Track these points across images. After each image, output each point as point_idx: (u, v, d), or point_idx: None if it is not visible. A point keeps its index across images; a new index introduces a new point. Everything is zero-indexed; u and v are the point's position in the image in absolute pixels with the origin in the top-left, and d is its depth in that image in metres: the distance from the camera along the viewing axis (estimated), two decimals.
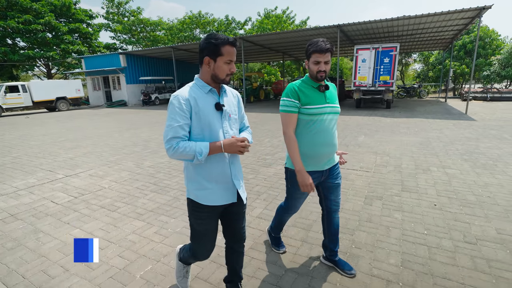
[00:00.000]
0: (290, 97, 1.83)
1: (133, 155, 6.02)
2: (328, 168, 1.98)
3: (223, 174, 1.55)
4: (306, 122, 1.85)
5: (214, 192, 1.55)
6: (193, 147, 1.42)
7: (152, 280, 2.15)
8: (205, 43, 1.43)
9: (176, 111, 1.42)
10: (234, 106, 1.64)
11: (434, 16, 10.56)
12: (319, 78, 1.81)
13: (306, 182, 1.80)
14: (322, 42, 1.76)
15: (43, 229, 2.97)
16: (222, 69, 1.45)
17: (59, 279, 2.20)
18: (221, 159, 1.54)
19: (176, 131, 1.41)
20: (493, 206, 3.21)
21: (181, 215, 3.20)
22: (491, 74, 16.38)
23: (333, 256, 2.21)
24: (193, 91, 1.48)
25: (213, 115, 1.50)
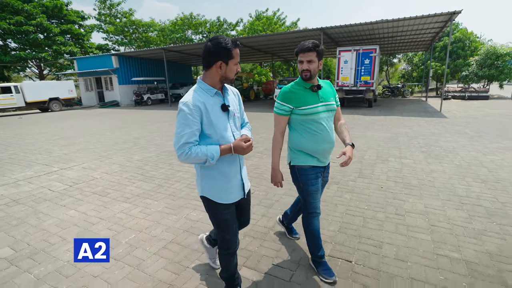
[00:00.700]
0: (281, 101, 1.93)
1: (124, 151, 6.48)
2: (327, 164, 2.10)
3: (235, 174, 1.66)
4: (303, 121, 1.92)
5: (228, 191, 1.64)
6: (205, 151, 1.47)
7: (134, 244, 2.66)
8: (216, 47, 1.46)
9: (187, 117, 1.46)
10: (236, 105, 1.71)
11: (410, 20, 11.22)
12: (304, 77, 1.88)
13: (276, 179, 2.02)
14: (306, 42, 1.83)
15: (42, 211, 3.44)
16: (232, 70, 1.53)
17: (57, 245, 2.68)
18: (233, 161, 1.64)
19: (189, 137, 1.46)
20: (430, 188, 3.79)
21: (163, 198, 3.70)
22: (470, 74, 17.21)
23: (289, 224, 2.67)
24: (200, 95, 1.52)
25: (221, 116, 1.56)
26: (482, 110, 11.63)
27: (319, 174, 2.02)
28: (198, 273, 2.24)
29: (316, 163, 1.99)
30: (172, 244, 2.65)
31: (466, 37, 19.11)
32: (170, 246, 2.62)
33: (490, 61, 16.38)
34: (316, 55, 1.82)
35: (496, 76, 16.39)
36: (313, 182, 1.99)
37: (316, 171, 2.00)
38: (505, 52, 16.14)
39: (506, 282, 2.03)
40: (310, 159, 1.98)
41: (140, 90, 20.94)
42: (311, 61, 1.82)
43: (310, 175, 1.98)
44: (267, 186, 4.01)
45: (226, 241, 1.75)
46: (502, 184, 3.81)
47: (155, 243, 2.66)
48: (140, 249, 2.57)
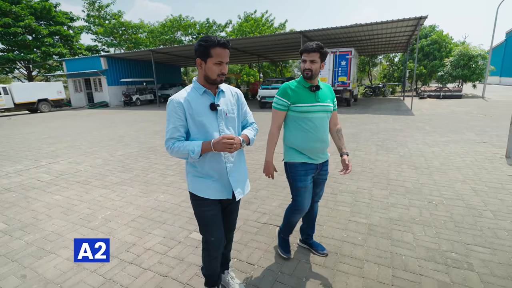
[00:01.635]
0: (280, 96, 1.99)
1: (108, 147, 6.99)
2: (321, 162, 2.13)
3: (219, 171, 1.63)
4: (298, 118, 1.99)
5: (209, 187, 1.63)
6: (187, 146, 1.51)
7: (109, 218, 3.22)
8: (197, 45, 1.49)
9: (171, 113, 1.52)
10: (232, 105, 1.67)
11: (382, 24, 11.97)
12: (305, 76, 1.94)
13: (269, 171, 2.06)
14: (311, 43, 1.90)
15: (31, 196, 3.97)
16: (212, 70, 1.49)
17: (44, 220, 3.22)
18: (217, 157, 1.61)
19: (172, 132, 1.53)
20: (368, 174, 4.43)
21: (138, 185, 4.26)
22: (445, 75, 18.12)
23: (309, 239, 2.47)
24: (188, 94, 1.55)
25: (208, 116, 1.56)
26: (449, 108, 12.44)
27: (309, 172, 2.06)
28: (157, 236, 2.81)
29: (306, 160, 2.04)
30: (140, 218, 3.22)
31: (442, 39, 20.11)
32: (138, 219, 3.19)
33: (463, 62, 17.31)
34: (319, 56, 1.89)
35: (469, 76, 17.33)
36: (302, 179, 2.04)
37: (306, 168, 2.04)
38: (476, 53, 17.09)
39: (391, 237, 2.67)
40: (300, 156, 2.03)
41: (129, 91, 21.33)
42: (314, 61, 1.89)
43: (299, 171, 2.04)
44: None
45: (208, 243, 1.73)
46: (430, 170, 4.48)
47: (126, 217, 3.23)
48: (113, 222, 3.14)
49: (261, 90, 14.90)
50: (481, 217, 2.97)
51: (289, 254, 2.37)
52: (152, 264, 2.38)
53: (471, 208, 3.17)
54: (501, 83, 34.11)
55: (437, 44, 20.07)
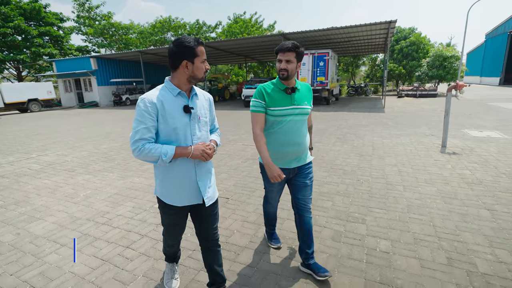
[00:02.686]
0: (257, 98, 1.91)
1: (94, 142, 7.58)
2: (296, 166, 2.02)
3: (188, 177, 1.59)
4: (272, 122, 1.93)
5: (178, 194, 1.60)
6: (159, 149, 1.45)
7: (89, 195, 3.84)
8: (179, 47, 1.45)
9: (143, 113, 1.45)
10: (205, 109, 1.66)
11: (356, 27, 12.76)
12: (281, 76, 1.87)
13: (273, 173, 1.84)
14: (287, 42, 1.84)
15: (23, 181, 4.56)
16: (200, 68, 1.51)
17: (34, 198, 3.83)
18: (186, 162, 1.57)
19: (143, 133, 1.45)
20: (319, 161, 5.13)
21: (118, 172, 4.88)
22: (422, 75, 19.08)
23: (308, 260, 2.13)
24: (161, 94, 1.50)
25: (181, 118, 1.52)
26: (420, 106, 13.30)
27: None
28: (127, 207, 3.45)
29: (278, 165, 1.96)
30: (115, 194, 3.85)
31: (419, 40, 21.10)
32: (114, 195, 3.82)
33: (438, 63, 18.27)
34: (295, 55, 1.82)
35: (444, 76, 18.30)
36: (269, 182, 2.05)
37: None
38: (450, 54, 18.06)
39: (314, 204, 3.35)
40: (273, 161, 1.93)
41: (118, 91, 21.77)
42: (289, 61, 1.82)
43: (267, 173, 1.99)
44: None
45: (165, 239, 1.87)
46: (372, 157, 5.20)
47: (103, 195, 3.86)
48: (93, 198, 3.77)
49: (245, 90, 15.57)
50: (393, 190, 3.69)
51: (278, 243, 2.45)
52: (121, 224, 3.02)
53: (389, 184, 3.89)
54: (481, 82, 35.44)
55: (415, 45, 21.07)
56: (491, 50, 32.51)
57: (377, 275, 2.12)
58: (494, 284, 1.98)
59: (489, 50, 33.35)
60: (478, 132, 7.06)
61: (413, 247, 2.44)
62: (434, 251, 2.36)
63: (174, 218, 1.71)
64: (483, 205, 3.14)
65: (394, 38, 22.70)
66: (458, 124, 8.15)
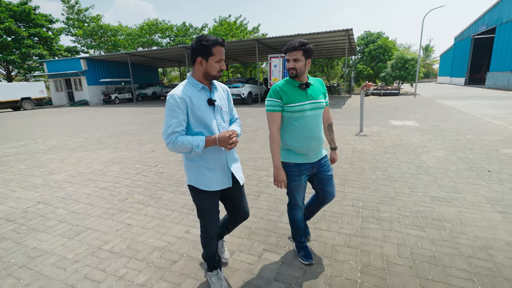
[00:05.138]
0: (273, 97, 1.94)
1: (88, 132, 9.11)
2: (317, 160, 2.08)
3: (220, 162, 1.74)
4: (290, 118, 1.96)
5: (211, 179, 1.72)
6: (191, 140, 1.56)
7: (88, 163, 5.44)
8: (197, 44, 1.57)
9: (174, 108, 1.57)
10: (224, 100, 1.81)
11: (319, 34, 14.58)
12: (290, 75, 1.93)
13: (279, 178, 1.95)
14: (294, 41, 1.88)
15: (36, 156, 6.11)
16: (214, 67, 1.61)
17: (49, 165, 5.40)
18: (217, 149, 1.71)
19: (175, 127, 1.57)
20: (245, 150, 6.83)
21: (109, 149, 6.46)
22: (386, 75, 21.12)
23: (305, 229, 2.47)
24: (187, 89, 1.63)
25: (207, 110, 1.66)
26: (375, 103, 15.21)
27: (303, 172, 2.05)
28: (117, 167, 5.06)
29: (302, 161, 2.02)
30: (108, 161, 5.46)
31: (385, 44, 23.23)
32: (106, 162, 5.43)
33: (400, 65, 20.32)
34: (302, 53, 1.86)
35: (405, 77, 20.36)
36: (295, 179, 2.05)
37: (300, 168, 2.03)
38: (410, 57, 20.14)
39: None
40: (294, 156, 2.01)
41: (108, 90, 23.10)
42: (297, 60, 1.87)
43: (292, 171, 2.03)
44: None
45: (206, 227, 1.86)
46: None
47: (99, 161, 5.46)
48: (91, 163, 5.37)
49: None
50: None
51: (310, 259, 2.23)
52: (112, 175, 4.65)
53: None
54: (451, 82, 38.03)
55: (382, 48, 23.17)
56: (459, 53, 35.08)
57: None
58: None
59: (457, 53, 35.93)
60: (399, 122, 8.91)
61: None
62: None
63: (210, 202, 1.79)
64: (350, 161, 4.90)
65: (364, 41, 24.81)
66: (391, 116, 10.02)
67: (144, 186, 4.07)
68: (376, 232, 2.67)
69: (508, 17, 22.78)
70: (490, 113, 9.99)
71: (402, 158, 5.03)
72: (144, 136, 7.95)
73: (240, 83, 16.71)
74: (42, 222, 3.06)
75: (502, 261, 2.21)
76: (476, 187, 3.66)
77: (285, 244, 2.54)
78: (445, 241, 2.49)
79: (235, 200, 1.92)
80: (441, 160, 4.83)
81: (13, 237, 2.78)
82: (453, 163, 4.63)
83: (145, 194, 3.77)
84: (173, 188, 3.95)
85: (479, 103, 13.36)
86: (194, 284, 2.05)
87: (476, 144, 5.79)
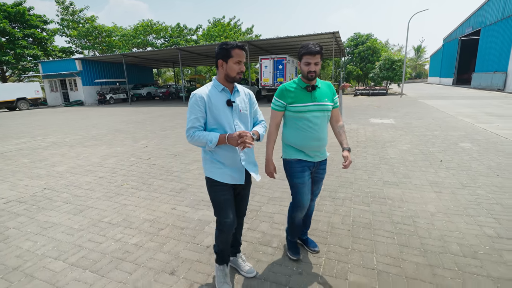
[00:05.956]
0: (278, 97, 2.06)
1: (85, 130, 9.59)
2: (319, 161, 2.16)
3: (233, 158, 1.85)
4: (294, 118, 2.04)
5: (225, 172, 1.85)
6: (206, 136, 1.71)
7: (86, 156, 5.95)
8: (219, 49, 1.75)
9: (193, 105, 1.75)
10: (245, 103, 1.91)
11: (306, 36, 15.20)
12: (309, 78, 1.97)
13: (268, 169, 2.11)
14: (312, 45, 1.92)
15: (37, 151, 6.59)
16: (233, 68, 1.74)
17: (51, 159, 5.89)
18: (231, 147, 1.81)
19: (193, 122, 1.74)
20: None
21: (105, 145, 6.96)
22: (374, 76, 21.83)
23: (303, 235, 2.47)
24: (209, 90, 1.80)
25: (224, 110, 1.79)
26: (362, 103, 15.86)
27: (306, 168, 2.10)
28: (113, 160, 5.58)
29: (303, 157, 2.08)
30: (105, 155, 5.97)
31: (374, 45, 23.98)
32: (104, 156, 5.94)
33: (387, 65, 21.04)
34: (320, 57, 1.95)
35: (392, 77, 21.09)
36: (299, 175, 2.09)
37: (302, 165, 2.08)
38: (397, 58, 20.88)
39: None
40: (297, 153, 2.08)
41: (103, 91, 23.47)
42: (318, 63, 1.94)
43: (295, 167, 2.09)
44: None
45: (222, 224, 1.93)
46: None
47: (96, 155, 5.97)
48: (89, 157, 5.87)
49: None
50: None
51: (298, 255, 2.34)
52: (109, 166, 5.16)
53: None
54: (440, 83, 38.99)
55: (371, 50, 23.89)
56: (447, 54, 36.04)
57: None
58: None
59: (446, 54, 36.89)
60: (378, 120, 9.54)
61: None
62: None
63: (224, 194, 1.88)
64: None
65: (354, 43, 25.54)
66: (373, 115, 10.66)
67: (138, 175, 4.61)
68: (329, 207, 3.25)
69: (491, 19, 23.68)
70: (465, 112, 10.68)
71: (370, 151, 5.64)
72: (138, 134, 8.46)
73: None
74: (50, 203, 3.58)
75: (422, 225, 2.80)
76: (424, 173, 4.26)
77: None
78: (382, 213, 3.07)
79: (241, 199, 2.05)
80: (404, 152, 5.44)
81: (26, 214, 3.31)
82: (412, 155, 5.24)
83: (138, 181, 4.30)
84: (163, 176, 4.49)
85: (459, 103, 14.10)
86: (175, 243, 2.60)
87: (440, 139, 6.42)
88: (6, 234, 2.85)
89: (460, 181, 3.92)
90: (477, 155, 5.08)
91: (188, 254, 2.44)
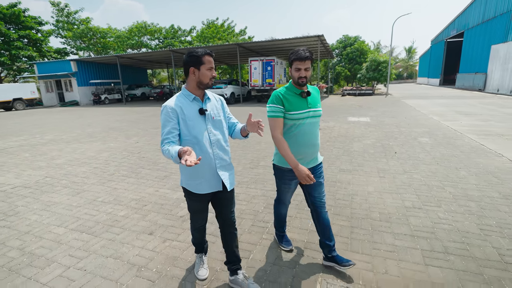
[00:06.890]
0: (275, 103, 1.98)
1: (80, 128, 10.15)
2: (312, 166, 2.13)
3: (209, 167, 1.83)
4: (290, 125, 2.01)
5: (201, 183, 1.84)
6: (170, 151, 1.58)
7: (83, 151, 6.55)
8: (188, 57, 1.73)
9: (166, 118, 1.71)
10: (217, 109, 1.90)
11: (292, 39, 15.90)
12: (300, 83, 1.94)
13: (303, 174, 1.93)
14: (302, 51, 1.89)
15: (37, 147, 7.17)
16: (206, 75, 1.73)
17: (49, 153, 6.47)
18: (206, 154, 1.79)
19: (165, 134, 1.70)
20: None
21: (99, 141, 7.56)
22: (361, 77, 22.62)
23: (330, 252, 2.22)
24: (179, 100, 1.76)
25: (198, 119, 1.77)
26: (347, 102, 16.60)
27: (295, 177, 2.09)
28: (106, 154, 6.19)
29: None
30: (99, 150, 6.57)
31: (361, 47, 24.81)
32: (98, 150, 6.53)
33: (373, 67, 21.84)
34: (311, 62, 1.93)
35: (378, 78, 21.90)
36: (286, 182, 2.17)
37: (292, 174, 2.08)
38: (383, 60, 21.69)
39: None
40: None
41: (98, 91, 23.94)
42: (308, 69, 1.91)
43: (286, 176, 2.14)
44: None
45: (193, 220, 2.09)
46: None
47: (92, 150, 6.56)
48: (85, 151, 6.47)
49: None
50: (260, 144, 6.61)
51: (290, 245, 2.45)
52: (103, 159, 5.77)
53: (260, 142, 6.81)
54: (428, 83, 40.01)
55: (358, 51, 24.71)
56: (435, 55, 37.06)
57: None
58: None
59: (433, 55, 37.92)
60: (356, 118, 10.24)
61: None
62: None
63: (199, 204, 1.94)
64: None
65: (342, 44, 26.36)
66: (352, 114, 11.36)
67: (128, 166, 5.22)
68: None
69: (473, 22, 24.63)
70: (437, 111, 11.45)
71: (337, 145, 6.31)
72: (131, 131, 9.05)
73: (223, 84, 17.91)
74: (51, 188, 4.19)
75: (357, 200, 3.46)
76: (376, 163, 4.94)
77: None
78: (329, 193, 3.73)
79: (222, 204, 1.99)
80: (367, 146, 6.12)
81: (32, 195, 3.92)
82: (374, 148, 5.93)
83: (128, 170, 4.92)
84: (150, 166, 5.12)
85: (437, 102, 14.89)
86: (155, 215, 3.24)
87: (404, 134, 7.12)
88: (16, 210, 3.47)
89: (403, 168, 4.60)
90: (429, 148, 5.78)
91: (165, 221, 3.08)
